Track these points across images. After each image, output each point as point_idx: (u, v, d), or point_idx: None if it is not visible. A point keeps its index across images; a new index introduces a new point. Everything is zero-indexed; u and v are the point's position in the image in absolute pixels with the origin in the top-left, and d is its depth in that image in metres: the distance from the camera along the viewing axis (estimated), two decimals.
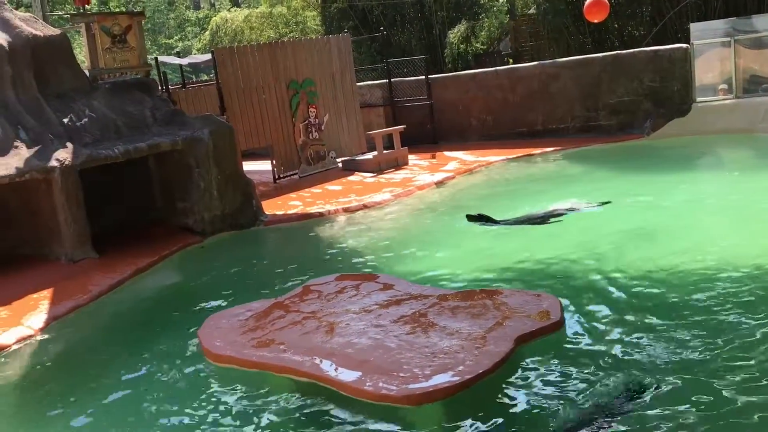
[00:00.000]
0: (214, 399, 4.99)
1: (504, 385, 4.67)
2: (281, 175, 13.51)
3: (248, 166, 11.49)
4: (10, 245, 8.69)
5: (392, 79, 16.78)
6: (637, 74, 14.37)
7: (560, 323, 5.29)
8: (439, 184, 12.34)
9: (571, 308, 5.79)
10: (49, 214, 8.48)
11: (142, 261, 8.49)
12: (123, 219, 9.93)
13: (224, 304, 6.92)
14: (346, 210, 10.80)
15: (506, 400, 4.54)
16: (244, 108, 12.98)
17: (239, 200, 10.21)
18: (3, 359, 6.08)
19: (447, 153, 15.17)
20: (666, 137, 13.70)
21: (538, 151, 14.18)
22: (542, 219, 8.75)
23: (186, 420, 4.74)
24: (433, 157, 14.90)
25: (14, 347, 6.29)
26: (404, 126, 14.80)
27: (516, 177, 12.47)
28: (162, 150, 9.57)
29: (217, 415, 4.75)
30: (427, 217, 10.15)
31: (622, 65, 14.55)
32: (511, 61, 20.85)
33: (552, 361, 4.97)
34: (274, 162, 13.45)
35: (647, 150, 13.13)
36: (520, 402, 4.50)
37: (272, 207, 11.06)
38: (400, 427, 4.37)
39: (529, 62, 16.39)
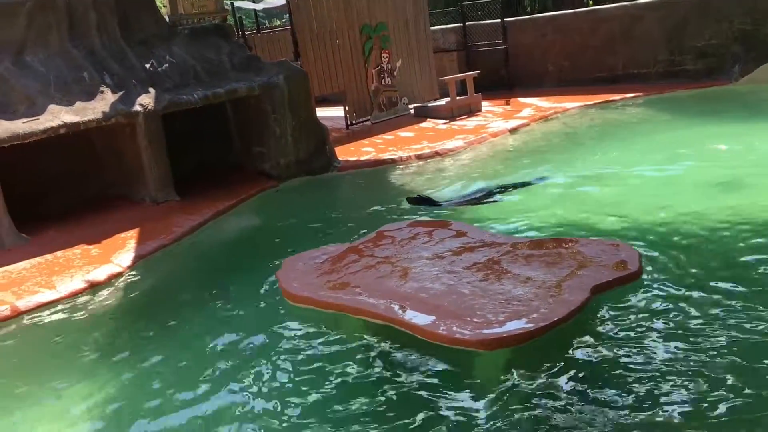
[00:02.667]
0: (290, 337, 5.18)
1: (578, 335, 4.66)
2: (354, 122, 13.57)
3: (321, 112, 11.58)
4: (100, 187, 9.13)
5: (467, 23, 16.42)
6: (726, 15, 13.56)
7: (638, 274, 5.19)
8: (513, 131, 12.13)
9: (651, 259, 5.67)
10: (133, 157, 8.82)
11: (221, 204, 8.78)
12: (203, 163, 10.24)
13: (300, 247, 7.09)
14: (418, 157, 10.78)
15: (579, 349, 4.53)
16: (318, 53, 13.00)
17: (313, 146, 10.34)
18: (95, 294, 6.46)
19: (522, 99, 14.84)
20: (756, 83, 12.97)
21: (618, 97, 13.69)
22: (487, 197, 8.07)
23: (263, 356, 4.95)
24: (507, 103, 14.62)
25: (105, 283, 6.66)
26: (478, 71, 14.54)
27: (594, 124, 12.12)
28: (239, 96, 9.74)
29: (294, 352, 4.94)
30: (499, 165, 10.03)
31: (710, 6, 13.74)
32: (591, 2, 20.00)
33: (628, 312, 4.91)
34: (346, 108, 13.49)
35: (735, 96, 12.48)
36: (593, 352, 4.49)
37: (345, 153, 11.16)
38: (471, 371, 4.44)
39: (611, 4, 15.68)
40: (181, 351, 5.16)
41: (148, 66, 9.21)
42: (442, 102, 14.05)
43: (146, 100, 8.72)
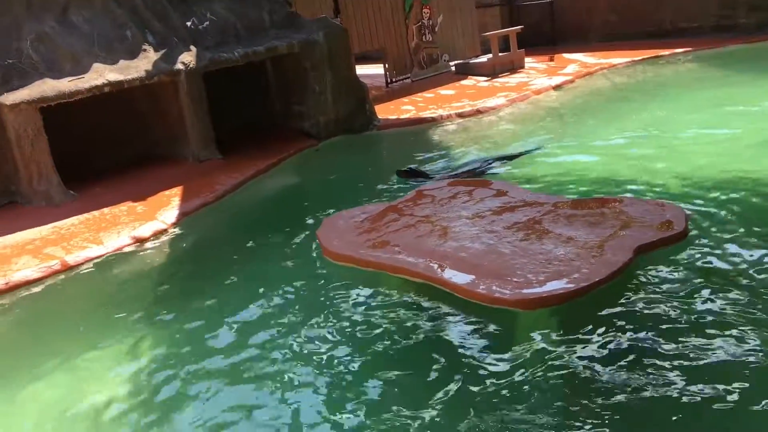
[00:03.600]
0: (331, 294, 5.24)
1: (620, 296, 4.60)
2: (393, 79, 13.44)
3: (361, 70, 11.49)
4: (145, 145, 9.28)
5: None
6: None
7: (684, 234, 5.08)
8: (557, 88, 11.87)
9: (698, 220, 5.54)
10: (176, 116, 8.91)
11: (262, 162, 8.84)
12: (243, 122, 10.30)
13: (340, 205, 7.13)
14: (458, 115, 10.66)
15: (621, 311, 4.48)
16: (358, 10, 12.83)
17: (353, 104, 10.29)
18: (141, 250, 6.62)
19: (566, 55, 14.49)
20: None
21: (666, 52, 13.25)
22: (482, 169, 7.69)
23: (302, 313, 5.02)
24: (551, 59, 14.28)
25: (151, 239, 6.81)
26: (521, 27, 14.19)
27: (640, 80, 11.78)
28: (279, 53, 9.71)
29: (333, 309, 5.00)
30: (542, 123, 9.86)
31: None
32: None
33: (672, 274, 4.82)
34: (386, 66, 13.35)
35: None
36: (635, 313, 4.43)
37: (385, 111, 11.09)
38: (511, 330, 4.45)
39: None
40: (223, 306, 5.27)
41: (189, 24, 9.22)
42: (483, 59, 13.80)
43: (188, 58, 8.76)
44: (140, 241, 6.74)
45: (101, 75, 8.05)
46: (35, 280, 5.99)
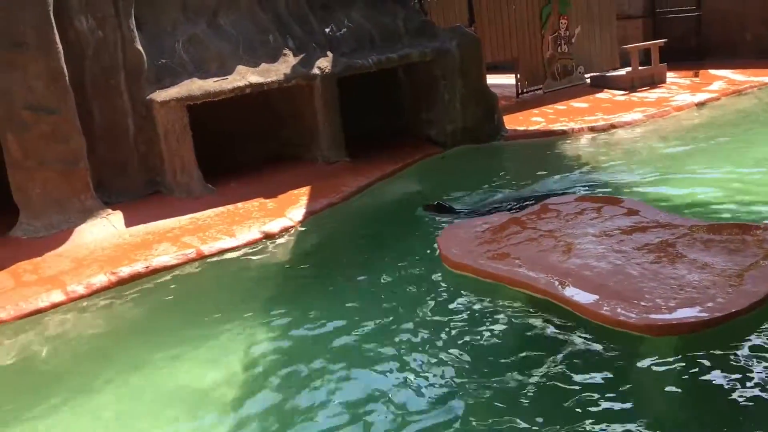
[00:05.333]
0: (446, 303, 5.23)
1: (757, 330, 4.27)
2: (525, 90, 13.23)
3: (492, 79, 11.40)
4: (279, 145, 9.70)
5: None
6: None
7: None
8: (700, 105, 11.21)
9: None
10: (309, 118, 9.25)
11: (387, 167, 8.98)
12: (372, 127, 10.51)
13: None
14: (591, 129, 10.32)
15: (758, 344, 4.16)
16: (493, 18, 12.75)
17: (482, 114, 10.23)
18: (269, 244, 6.91)
19: (712, 71, 13.66)
20: None
21: None
22: (519, 203, 7.10)
23: (417, 318, 5.04)
24: (696, 75, 13.52)
25: (278, 235, 7.10)
26: (665, 40, 13.53)
27: None
28: (411, 61, 9.83)
29: (448, 318, 4.98)
30: (683, 141, 9.34)
31: None
32: None
33: None
34: (518, 76, 13.17)
35: None
36: None
37: (513, 122, 10.94)
38: (632, 356, 4.24)
39: None
40: (339, 304, 5.40)
41: (327, 30, 9.54)
42: (622, 72, 13.28)
43: (324, 63, 9.06)
44: (269, 236, 7.04)
45: (243, 76, 8.49)
46: (172, 266, 6.41)
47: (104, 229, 7.16)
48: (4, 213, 7.33)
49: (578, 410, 3.78)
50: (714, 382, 3.89)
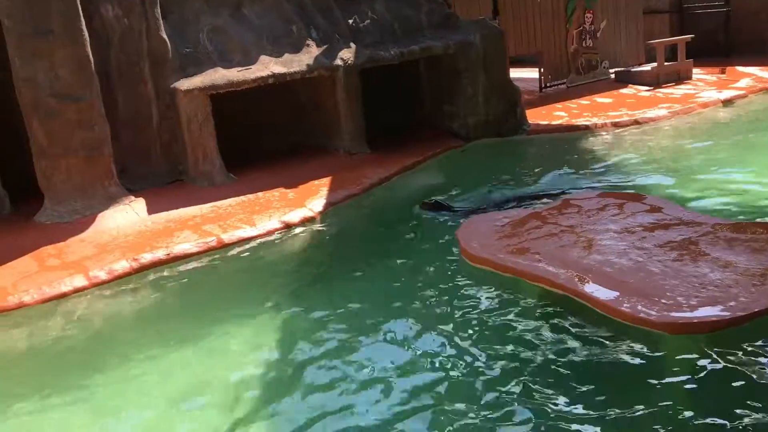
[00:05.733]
0: (464, 296, 5.22)
1: None
2: (548, 84, 13.12)
3: (515, 73, 11.33)
4: (300, 135, 9.73)
5: None
6: None
7: None
8: (727, 102, 11.05)
9: None
10: (331, 109, 9.26)
11: (408, 160, 8.97)
12: (393, 119, 10.50)
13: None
14: (614, 125, 10.23)
15: None
16: (518, 11, 12.65)
17: (504, 107, 10.18)
18: (289, 234, 6.95)
19: (740, 68, 13.45)
20: None
21: None
22: (513, 204, 6.99)
23: (434, 311, 5.04)
24: (723, 72, 13.32)
25: (298, 225, 7.13)
26: (692, 35, 13.34)
27: None
28: (434, 53, 9.80)
29: (466, 310, 4.98)
30: (708, 139, 9.22)
31: None
32: None
33: None
34: (541, 70, 13.07)
35: None
36: None
37: (536, 116, 10.86)
38: (651, 354, 4.20)
39: None
40: (358, 294, 5.42)
41: (350, 21, 9.53)
42: (647, 67, 13.13)
43: (347, 54, 9.06)
44: (289, 226, 7.07)
45: (267, 67, 8.52)
46: (193, 254, 6.46)
47: (127, 216, 7.24)
48: (29, 198, 7.43)
49: (594, 407, 3.76)
50: (734, 382, 3.85)
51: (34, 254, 6.43)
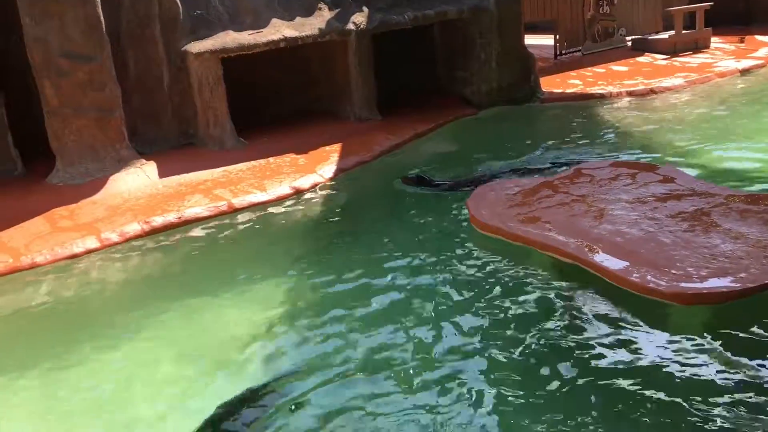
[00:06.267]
0: (474, 263, 5.22)
1: None
2: (563, 51, 12.94)
3: (529, 40, 11.16)
4: (310, 101, 9.67)
5: None
6: None
7: None
8: (745, 72, 10.88)
9: None
10: (342, 74, 9.18)
11: (419, 127, 8.91)
12: (406, 85, 10.40)
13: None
14: (630, 93, 10.10)
15: None
16: None
17: (518, 74, 10.06)
18: (299, 200, 6.95)
19: (759, 37, 13.20)
20: None
21: None
22: (491, 180, 6.78)
23: (440, 275, 5.07)
24: (742, 40, 13.07)
25: (308, 191, 7.13)
26: (711, 3, 13.06)
27: None
28: (448, 18, 9.66)
29: (473, 278, 4.99)
30: (724, 109, 9.09)
31: None
32: None
33: None
34: (556, 37, 12.87)
35: None
36: None
37: (550, 84, 10.73)
38: (659, 324, 4.20)
39: None
40: (367, 258, 5.44)
41: None
42: (664, 35, 12.90)
43: (359, 18, 8.95)
44: (299, 191, 7.07)
45: (278, 30, 8.43)
46: (204, 218, 6.49)
47: (138, 179, 7.26)
48: (42, 160, 7.46)
49: (601, 376, 3.78)
50: (743, 353, 3.85)
51: (47, 215, 6.47)
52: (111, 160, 7.30)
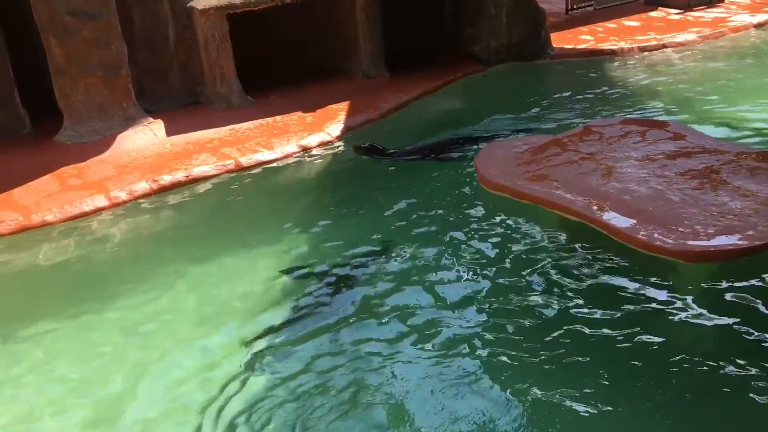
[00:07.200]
0: (482, 221, 5.24)
1: None
2: (575, 6, 12.65)
3: None
4: (318, 58, 9.55)
5: None
6: None
7: None
8: (759, 26, 10.64)
9: None
10: (350, 31, 9.05)
11: (428, 84, 8.82)
12: (414, 42, 10.25)
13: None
14: (641, 49, 9.92)
15: None
16: None
17: (528, 30, 9.88)
18: (307, 158, 6.94)
19: None
20: None
21: None
22: (446, 149, 6.80)
23: (448, 235, 5.10)
24: None
25: (315, 149, 7.12)
26: None
27: None
28: None
29: (484, 234, 5.01)
30: (737, 65, 8.93)
31: None
32: None
33: None
34: None
35: None
36: None
37: (561, 40, 10.54)
38: (666, 282, 4.22)
39: None
40: (376, 217, 5.48)
41: None
42: None
43: None
44: (306, 150, 7.06)
45: None
46: (212, 176, 6.51)
47: (146, 138, 7.26)
48: (50, 118, 7.45)
49: (604, 333, 3.81)
50: (747, 310, 3.87)
51: (56, 174, 6.51)
52: (118, 118, 7.29)
